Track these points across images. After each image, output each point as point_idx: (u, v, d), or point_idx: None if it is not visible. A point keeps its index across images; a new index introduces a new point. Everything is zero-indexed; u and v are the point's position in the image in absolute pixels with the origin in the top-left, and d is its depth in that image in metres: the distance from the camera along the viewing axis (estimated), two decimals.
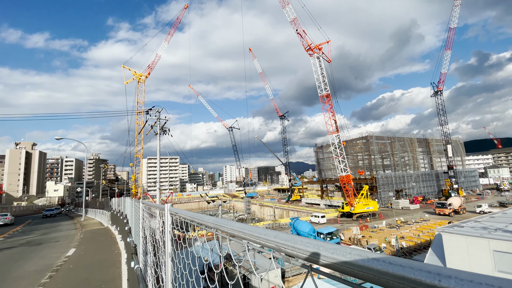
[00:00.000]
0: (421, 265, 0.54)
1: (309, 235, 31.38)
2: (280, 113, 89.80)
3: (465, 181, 76.98)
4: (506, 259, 11.95)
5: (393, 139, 71.63)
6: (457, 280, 0.50)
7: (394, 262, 0.57)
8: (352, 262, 0.64)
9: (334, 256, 0.70)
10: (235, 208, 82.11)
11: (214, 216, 1.44)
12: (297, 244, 0.79)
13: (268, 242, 0.86)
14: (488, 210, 41.69)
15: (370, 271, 0.60)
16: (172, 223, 2.02)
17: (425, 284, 0.51)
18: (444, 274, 0.50)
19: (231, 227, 1.11)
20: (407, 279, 0.53)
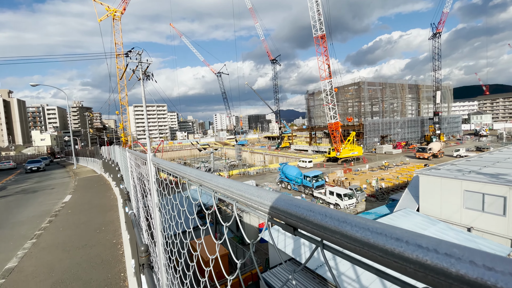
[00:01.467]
0: (356, 220, 0.55)
1: (297, 178, 33.39)
2: (271, 57, 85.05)
3: (448, 127, 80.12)
4: (474, 198, 13.28)
5: (384, 85, 70.87)
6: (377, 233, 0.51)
7: (329, 214, 0.59)
8: (292, 213, 0.67)
9: (279, 206, 0.71)
10: (226, 155, 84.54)
11: (197, 169, 1.31)
12: (253, 196, 0.81)
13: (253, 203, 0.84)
14: (465, 154, 44.62)
15: (308, 223, 0.63)
16: (157, 173, 1.91)
17: (349, 237, 0.53)
18: (372, 229, 0.51)
19: (216, 183, 0.99)
20: (339, 233, 0.55)
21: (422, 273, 0.41)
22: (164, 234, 1.85)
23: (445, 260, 0.38)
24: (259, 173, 47.13)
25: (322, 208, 0.63)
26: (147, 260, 2.54)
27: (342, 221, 0.55)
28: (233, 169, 51.26)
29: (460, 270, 0.37)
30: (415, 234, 0.46)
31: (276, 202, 0.73)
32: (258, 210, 0.78)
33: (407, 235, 0.45)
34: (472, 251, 0.38)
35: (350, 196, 25.96)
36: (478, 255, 0.37)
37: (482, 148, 52.33)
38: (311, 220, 0.61)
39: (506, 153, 21.20)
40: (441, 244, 0.41)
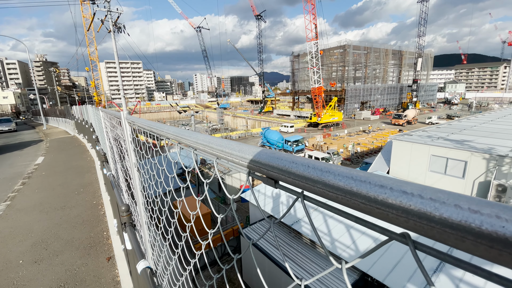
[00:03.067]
0: (326, 167, 0.57)
1: (278, 142, 34.08)
2: (256, 12, 79.41)
3: (424, 94, 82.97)
4: (439, 162, 14.46)
5: (369, 49, 69.99)
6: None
7: (312, 165, 0.60)
8: (274, 165, 0.67)
9: (261, 160, 0.72)
10: (208, 119, 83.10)
11: (175, 127, 1.24)
12: (234, 151, 0.82)
13: (234, 158, 0.84)
14: (436, 121, 47.27)
15: (285, 173, 0.64)
16: (132, 132, 1.82)
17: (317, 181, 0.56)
18: (356, 177, 0.52)
19: (195, 140, 0.94)
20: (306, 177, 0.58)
21: (404, 218, 0.42)
22: (144, 193, 1.85)
23: (429, 205, 0.39)
24: (242, 137, 47.36)
25: (305, 160, 0.63)
26: (129, 219, 2.57)
27: (325, 171, 0.56)
28: (215, 133, 50.98)
29: (443, 214, 0.38)
30: (400, 181, 0.47)
31: (257, 155, 0.72)
32: (239, 165, 0.77)
33: (392, 182, 0.46)
34: (458, 196, 0.39)
35: (327, 160, 27.22)
36: (464, 199, 0.38)
37: (452, 116, 55.57)
38: (293, 171, 0.61)
39: (473, 121, 22.72)
40: (426, 190, 0.42)
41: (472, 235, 0.35)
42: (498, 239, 0.32)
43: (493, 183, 12.36)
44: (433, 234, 0.39)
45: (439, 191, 0.41)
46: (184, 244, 1.22)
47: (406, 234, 0.45)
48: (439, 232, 0.38)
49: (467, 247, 0.36)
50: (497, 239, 0.32)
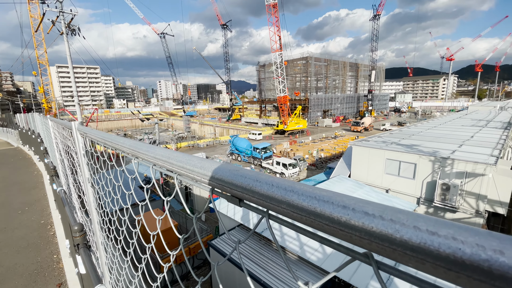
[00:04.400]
0: (280, 183, 0.57)
1: (247, 150, 34.22)
2: (222, 21, 79.87)
3: (378, 103, 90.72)
4: (393, 165, 15.83)
5: (329, 61, 74.90)
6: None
7: (276, 184, 0.58)
8: (238, 184, 0.66)
9: (224, 177, 0.69)
10: (173, 127, 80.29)
11: (131, 139, 1.18)
12: (196, 168, 0.78)
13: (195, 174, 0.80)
14: (389, 128, 51.85)
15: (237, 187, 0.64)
16: (85, 144, 1.67)
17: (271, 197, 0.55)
18: (319, 197, 0.51)
19: (154, 155, 0.90)
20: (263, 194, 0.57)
21: (367, 240, 0.41)
22: (99, 211, 1.70)
23: (390, 226, 0.38)
24: (210, 145, 46.54)
25: (269, 178, 0.62)
26: (83, 239, 2.34)
27: (289, 190, 0.54)
28: (181, 141, 49.33)
29: (404, 236, 0.37)
30: (362, 201, 0.46)
31: (220, 173, 0.70)
32: (201, 183, 0.75)
33: (354, 202, 0.45)
34: (416, 216, 0.38)
35: (294, 166, 28.06)
36: (422, 220, 0.37)
37: (402, 123, 61.52)
38: (257, 190, 0.60)
39: (420, 127, 25.41)
40: (387, 210, 0.41)
41: (431, 257, 0.34)
42: (455, 262, 0.32)
43: (439, 182, 13.87)
44: (396, 256, 0.38)
45: (399, 212, 0.40)
46: (150, 259, 1.14)
47: (369, 254, 0.45)
48: (401, 255, 0.37)
49: (428, 269, 0.35)
50: (455, 262, 0.32)
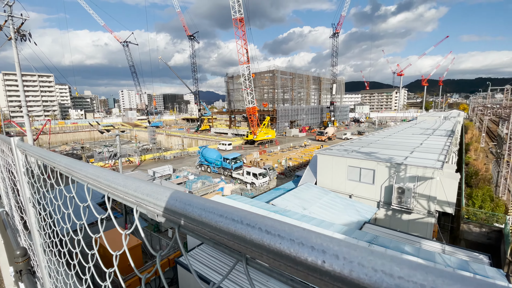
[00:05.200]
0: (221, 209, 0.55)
1: (216, 160, 33.73)
2: (189, 32, 79.45)
3: (339, 114, 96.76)
4: (354, 171, 16.84)
5: (294, 75, 78.56)
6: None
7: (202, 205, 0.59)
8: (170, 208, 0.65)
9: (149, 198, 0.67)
10: (137, 138, 76.24)
11: (71, 158, 1.12)
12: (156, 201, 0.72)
13: (127, 196, 0.75)
14: (350, 137, 55.37)
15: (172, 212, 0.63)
16: (26, 161, 1.52)
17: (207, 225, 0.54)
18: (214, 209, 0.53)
19: (85, 173, 0.87)
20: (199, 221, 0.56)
21: (237, 244, 0.46)
22: (47, 231, 1.53)
23: (245, 229, 0.44)
24: (177, 157, 44.94)
25: (182, 195, 0.65)
26: (26, 265, 2.08)
27: (208, 210, 0.56)
28: (146, 154, 46.90)
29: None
30: (233, 209, 0.50)
31: (142, 188, 0.69)
32: (127, 202, 0.74)
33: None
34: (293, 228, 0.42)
35: (264, 175, 28.31)
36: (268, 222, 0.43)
37: (361, 132, 66.20)
38: (170, 208, 0.63)
39: (377, 136, 27.56)
40: (238, 212, 0.48)
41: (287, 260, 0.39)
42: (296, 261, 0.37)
43: (395, 186, 15.08)
44: (264, 260, 0.43)
45: (254, 216, 0.45)
46: (110, 284, 1.05)
47: (243, 254, 0.49)
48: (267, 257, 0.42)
49: (291, 272, 0.40)
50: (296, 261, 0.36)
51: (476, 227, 17.25)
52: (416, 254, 9.48)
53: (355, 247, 0.37)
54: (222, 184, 26.96)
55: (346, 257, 0.35)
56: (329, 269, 0.37)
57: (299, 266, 0.40)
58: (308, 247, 0.39)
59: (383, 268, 0.34)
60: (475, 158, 31.40)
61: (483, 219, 17.49)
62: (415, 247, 10.49)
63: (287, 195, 15.86)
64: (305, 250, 0.39)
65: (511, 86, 34.44)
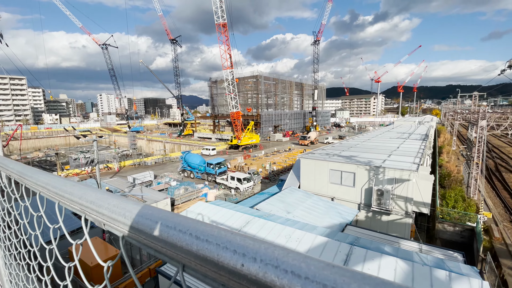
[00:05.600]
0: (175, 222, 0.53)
1: (200, 166, 33.22)
2: (171, 36, 78.49)
3: (321, 119, 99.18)
4: (335, 175, 17.25)
5: (277, 80, 79.79)
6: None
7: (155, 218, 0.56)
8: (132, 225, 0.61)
9: (120, 218, 0.62)
10: (116, 144, 73.55)
11: (23, 163, 1.06)
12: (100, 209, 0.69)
13: (73, 204, 0.72)
14: (331, 141, 56.77)
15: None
16: None
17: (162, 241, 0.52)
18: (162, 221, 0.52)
19: (36, 180, 0.82)
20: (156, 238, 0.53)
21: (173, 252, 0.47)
22: (13, 241, 1.42)
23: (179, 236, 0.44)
24: (158, 163, 43.77)
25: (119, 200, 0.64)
26: None
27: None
28: (125, 160, 45.30)
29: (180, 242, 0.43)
30: (169, 215, 0.50)
31: (90, 198, 0.68)
32: (73, 209, 0.72)
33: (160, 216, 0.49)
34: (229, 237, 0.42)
35: (248, 180, 28.25)
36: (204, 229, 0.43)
37: (342, 136, 68.14)
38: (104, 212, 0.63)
39: (357, 140, 28.49)
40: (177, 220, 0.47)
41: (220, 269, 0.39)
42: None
43: (374, 188, 15.60)
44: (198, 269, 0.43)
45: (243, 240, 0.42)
46: None
47: (180, 262, 0.48)
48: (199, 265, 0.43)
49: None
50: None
51: (450, 226, 18.18)
52: (395, 254, 9.81)
53: (273, 248, 0.37)
54: (205, 190, 26.56)
55: (263, 259, 0.35)
56: (246, 273, 0.36)
57: (221, 270, 0.39)
58: (231, 250, 0.39)
59: (292, 269, 0.33)
60: (448, 160, 33.27)
61: (456, 218, 18.47)
62: (394, 247, 10.86)
63: (271, 200, 15.91)
64: (228, 254, 0.39)
65: (479, 93, 37.18)
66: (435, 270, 8.16)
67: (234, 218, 12.20)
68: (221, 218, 12.41)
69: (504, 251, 14.85)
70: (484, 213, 18.29)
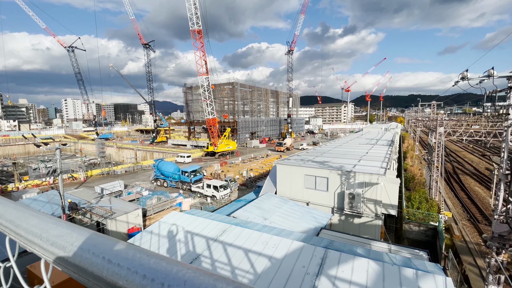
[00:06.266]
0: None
1: (174, 174, 32.15)
2: (144, 41, 76.28)
3: (296, 126, 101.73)
4: (310, 180, 17.68)
5: (253, 88, 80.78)
6: None
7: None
8: None
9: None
10: (83, 152, 68.83)
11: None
12: None
13: None
14: (306, 147, 58.37)
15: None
16: None
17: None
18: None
19: None
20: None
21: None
22: None
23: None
24: (129, 171, 41.63)
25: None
26: None
27: None
28: (93, 169, 42.47)
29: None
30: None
31: None
32: None
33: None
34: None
35: (225, 187, 27.87)
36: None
37: (316, 142, 70.38)
38: None
39: (329, 146, 29.57)
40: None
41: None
42: None
43: (346, 192, 16.21)
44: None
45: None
46: None
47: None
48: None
49: None
50: None
51: (416, 226, 19.41)
52: (367, 255, 10.22)
53: (185, 271, 0.34)
54: (180, 199, 25.69)
55: (170, 284, 0.33)
56: None
57: None
58: (141, 275, 0.35)
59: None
60: (412, 164, 35.75)
61: (421, 218, 19.78)
62: (366, 248, 11.31)
63: (248, 207, 15.82)
64: (137, 279, 0.35)
65: (436, 102, 40.86)
66: (403, 269, 8.61)
67: (210, 227, 11.92)
68: (196, 228, 12.05)
69: (464, 248, 16.13)
70: (445, 213, 19.82)
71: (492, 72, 8.21)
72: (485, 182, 29.71)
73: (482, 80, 8.59)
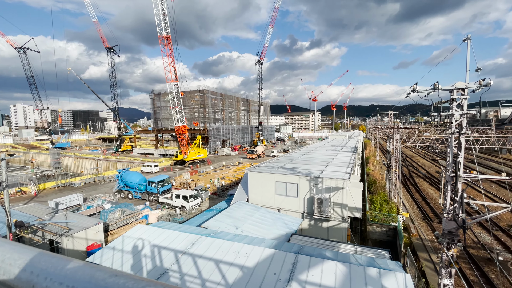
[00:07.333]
0: None
1: (140, 185, 30.43)
2: (107, 45, 72.36)
3: (267, 134, 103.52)
4: (281, 186, 18.00)
5: (225, 96, 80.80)
6: None
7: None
8: None
9: None
10: (35, 163, 62.10)
11: None
12: None
13: None
14: (277, 154, 59.49)
15: None
16: None
17: None
18: None
19: None
20: None
21: None
22: None
23: None
24: (89, 183, 38.44)
25: None
26: None
27: None
28: (46, 181, 38.45)
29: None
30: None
31: None
32: None
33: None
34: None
35: (195, 197, 27.04)
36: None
37: (286, 150, 72.16)
38: None
39: (298, 153, 30.50)
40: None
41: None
42: None
43: (314, 197, 16.77)
44: None
45: None
46: None
47: None
48: None
49: None
50: None
51: (378, 227, 20.67)
52: (335, 258, 10.61)
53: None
54: (146, 211, 24.30)
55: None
56: None
57: None
58: None
59: None
60: (373, 169, 38.29)
61: (382, 220, 21.14)
62: (334, 251, 11.74)
63: (219, 216, 15.53)
64: None
65: (393, 111, 44.51)
66: (368, 269, 9.09)
67: (179, 240, 11.45)
68: (164, 241, 11.49)
69: (420, 245, 17.54)
70: (403, 213, 21.44)
71: (437, 86, 9.26)
72: (435, 184, 32.89)
73: (429, 92, 9.63)
